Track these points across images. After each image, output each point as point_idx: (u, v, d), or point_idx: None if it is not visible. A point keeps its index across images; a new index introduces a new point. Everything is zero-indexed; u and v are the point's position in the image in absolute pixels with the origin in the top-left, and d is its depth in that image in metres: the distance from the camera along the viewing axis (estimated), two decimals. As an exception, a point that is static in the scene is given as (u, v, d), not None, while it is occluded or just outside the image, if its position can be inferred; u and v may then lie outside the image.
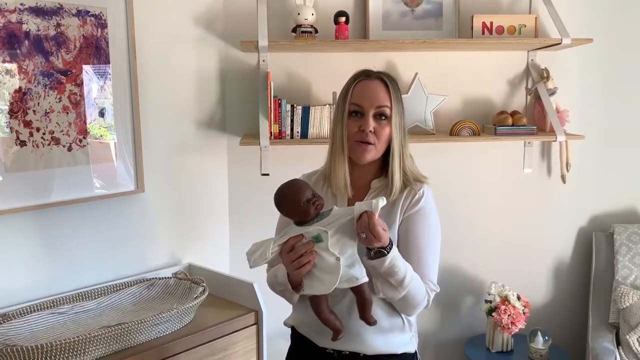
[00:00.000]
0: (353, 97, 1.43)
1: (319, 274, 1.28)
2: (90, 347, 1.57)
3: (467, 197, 2.64)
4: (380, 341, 1.43)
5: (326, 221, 1.29)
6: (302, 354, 1.54)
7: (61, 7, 1.83)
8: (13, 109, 1.75)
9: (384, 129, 1.41)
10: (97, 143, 1.98)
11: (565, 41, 2.31)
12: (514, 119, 2.44)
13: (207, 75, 2.36)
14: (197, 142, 2.35)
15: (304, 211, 1.29)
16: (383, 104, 1.41)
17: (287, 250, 1.29)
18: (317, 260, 1.27)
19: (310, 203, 1.29)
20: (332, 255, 1.26)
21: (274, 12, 2.37)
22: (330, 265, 1.26)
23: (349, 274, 1.27)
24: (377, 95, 1.41)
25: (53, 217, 1.90)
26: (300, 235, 1.29)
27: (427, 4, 2.46)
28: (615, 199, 2.74)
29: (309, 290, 1.31)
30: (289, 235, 1.30)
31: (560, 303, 2.78)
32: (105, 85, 1.98)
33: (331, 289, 1.27)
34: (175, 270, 2.13)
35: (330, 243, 1.26)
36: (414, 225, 1.43)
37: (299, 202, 1.29)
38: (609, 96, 2.65)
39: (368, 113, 1.40)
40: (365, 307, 1.32)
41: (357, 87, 1.43)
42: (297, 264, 1.27)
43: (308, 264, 1.27)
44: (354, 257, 1.30)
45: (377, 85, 1.42)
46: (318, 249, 1.27)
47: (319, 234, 1.27)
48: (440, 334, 2.74)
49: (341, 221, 1.27)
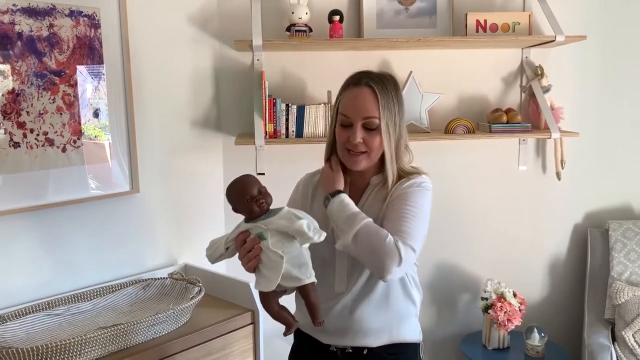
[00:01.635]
0: (341, 107, 1.43)
1: (265, 270, 1.30)
2: (87, 349, 1.56)
3: (462, 194, 2.64)
4: (383, 334, 1.44)
5: (271, 220, 1.31)
6: (305, 351, 1.55)
7: (54, 8, 1.82)
8: (6, 110, 1.74)
9: (373, 138, 1.39)
10: (91, 144, 1.97)
11: (559, 38, 2.32)
12: (509, 117, 2.45)
13: (202, 74, 2.35)
14: (192, 141, 2.34)
15: (248, 208, 1.33)
16: (370, 114, 1.38)
17: (239, 245, 1.33)
18: (264, 257, 1.30)
19: (254, 201, 1.32)
20: (274, 254, 1.28)
21: (268, 12, 2.36)
22: (273, 262, 1.28)
23: (292, 274, 1.29)
24: (363, 106, 1.38)
25: (48, 218, 1.89)
26: (247, 232, 1.33)
27: (421, 2, 2.46)
28: (610, 195, 2.75)
29: (256, 286, 1.33)
30: (239, 231, 1.34)
31: (556, 300, 2.79)
32: (100, 85, 1.97)
33: (273, 286, 1.28)
34: (171, 271, 2.12)
35: (272, 242, 1.29)
36: (401, 194, 1.40)
37: (243, 198, 1.33)
38: (603, 93, 2.66)
39: (356, 124, 1.39)
40: (311, 309, 1.33)
41: (346, 96, 1.42)
42: (246, 259, 1.31)
43: (255, 259, 1.29)
44: (301, 258, 1.31)
45: (365, 95, 1.39)
46: (263, 246, 1.30)
47: (261, 232, 1.30)
48: (437, 331, 2.75)
49: (280, 224, 1.29)
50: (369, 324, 1.43)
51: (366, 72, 1.45)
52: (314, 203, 1.52)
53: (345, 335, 1.45)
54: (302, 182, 1.59)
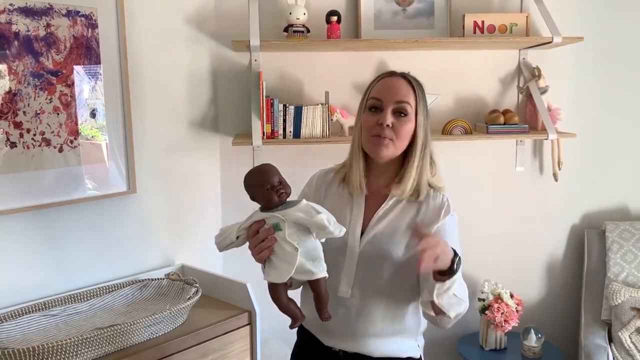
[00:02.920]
0: (373, 92, 1.42)
1: (277, 261, 1.29)
2: (83, 349, 1.56)
3: (459, 195, 2.61)
4: (385, 345, 1.44)
5: (289, 211, 1.29)
6: (309, 350, 1.54)
7: (51, 8, 1.82)
8: (3, 110, 1.74)
9: (403, 125, 1.38)
10: (88, 144, 1.97)
11: (556, 39, 2.32)
12: (506, 118, 2.45)
13: (199, 75, 2.35)
14: (190, 142, 2.34)
15: (267, 197, 1.30)
16: (404, 99, 1.38)
17: (251, 235, 1.31)
18: (277, 248, 1.28)
19: (274, 190, 1.30)
20: (289, 245, 1.27)
21: (266, 12, 2.36)
22: (287, 254, 1.27)
23: (306, 267, 1.27)
24: (397, 90, 1.39)
25: (44, 218, 1.88)
26: (262, 221, 1.31)
27: (418, 3, 2.46)
28: (607, 196, 2.76)
29: (266, 277, 1.32)
30: (253, 220, 1.32)
31: (553, 301, 2.80)
32: (97, 85, 1.97)
33: (286, 278, 1.27)
34: (168, 271, 2.11)
35: (288, 233, 1.27)
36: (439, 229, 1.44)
37: (263, 186, 1.30)
38: (601, 94, 2.67)
39: (387, 107, 1.38)
40: (320, 302, 1.32)
41: (379, 83, 1.43)
42: (258, 249, 1.29)
43: (267, 249, 1.28)
44: (315, 252, 1.29)
45: (400, 82, 1.40)
46: (278, 237, 1.28)
47: (278, 222, 1.28)
48: (434, 332, 2.72)
49: (298, 216, 1.28)
50: (370, 333, 1.42)
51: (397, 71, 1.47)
52: (325, 200, 1.50)
53: (347, 339, 1.44)
54: (317, 178, 1.57)
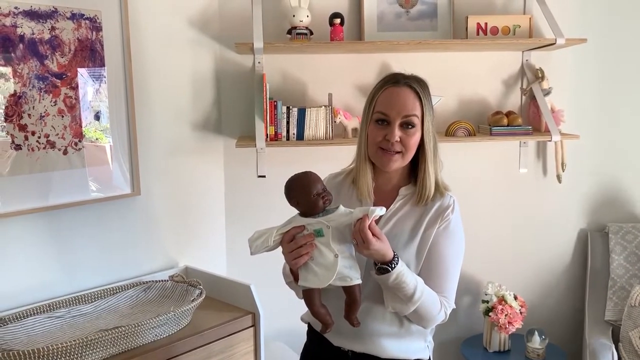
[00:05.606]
0: (378, 104, 1.39)
1: (316, 267, 1.29)
2: (88, 351, 1.56)
3: (463, 197, 2.60)
4: (394, 346, 1.43)
5: (330, 217, 1.29)
6: (318, 350, 1.54)
7: (56, 11, 1.83)
8: (8, 112, 1.75)
9: (411, 137, 1.37)
10: (92, 146, 1.97)
11: (559, 41, 2.32)
12: (509, 119, 2.45)
13: (203, 77, 2.36)
14: (193, 144, 2.34)
15: (312, 203, 1.31)
16: (411, 113, 1.36)
17: (287, 240, 1.30)
18: (316, 254, 1.28)
19: (320, 197, 1.31)
20: (331, 252, 1.27)
21: (269, 14, 2.37)
22: (328, 261, 1.28)
23: (344, 273, 1.28)
24: (404, 104, 1.36)
25: (49, 220, 1.89)
26: (302, 227, 1.31)
27: (421, 5, 2.47)
28: (610, 198, 2.75)
29: (303, 283, 1.32)
30: (292, 225, 1.32)
31: (556, 302, 2.79)
32: (101, 88, 1.97)
33: (325, 284, 1.28)
34: (172, 273, 2.12)
35: (332, 239, 1.27)
36: (441, 240, 1.41)
37: (310, 193, 1.31)
38: (604, 95, 2.67)
39: (394, 122, 1.36)
40: (353, 308, 1.34)
41: (384, 95, 1.39)
42: (295, 254, 1.29)
43: (306, 255, 1.28)
44: (352, 258, 1.31)
45: (406, 94, 1.37)
46: (318, 243, 1.28)
47: (321, 228, 1.29)
48: (438, 334, 2.71)
49: (342, 220, 1.28)
50: (380, 334, 1.42)
51: (401, 73, 1.43)
52: (337, 202, 1.49)
53: (356, 340, 1.44)
54: (326, 182, 1.55)
